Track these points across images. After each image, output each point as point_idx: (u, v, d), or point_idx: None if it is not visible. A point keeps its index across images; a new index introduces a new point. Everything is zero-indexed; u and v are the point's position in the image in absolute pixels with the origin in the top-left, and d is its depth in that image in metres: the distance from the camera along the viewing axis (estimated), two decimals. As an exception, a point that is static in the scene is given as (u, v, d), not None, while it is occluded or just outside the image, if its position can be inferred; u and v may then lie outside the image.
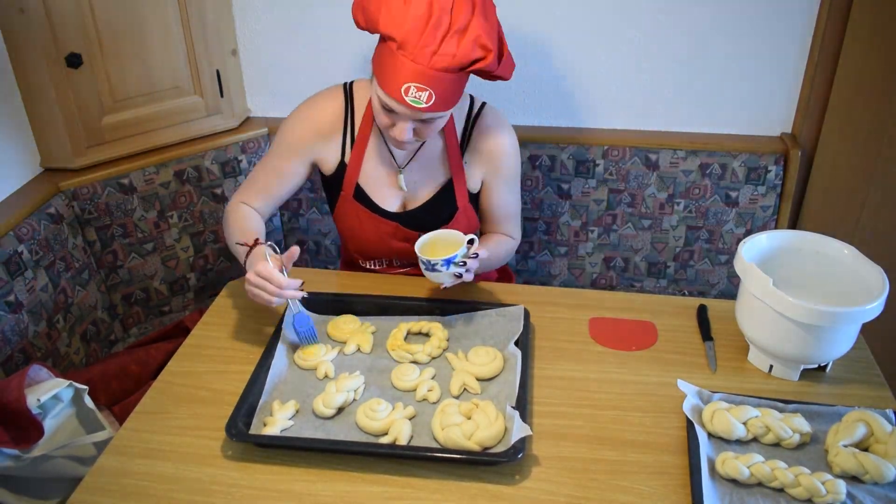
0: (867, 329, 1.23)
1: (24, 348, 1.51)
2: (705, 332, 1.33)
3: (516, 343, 1.24)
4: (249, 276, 1.20)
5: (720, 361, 1.27)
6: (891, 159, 1.79)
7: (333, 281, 1.51)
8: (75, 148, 1.71)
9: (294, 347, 1.27)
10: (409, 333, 1.32)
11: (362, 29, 1.29)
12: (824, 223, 1.89)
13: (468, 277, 1.29)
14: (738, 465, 1.01)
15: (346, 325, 1.32)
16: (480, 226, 1.57)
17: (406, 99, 1.20)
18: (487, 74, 1.26)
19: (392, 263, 1.57)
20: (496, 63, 1.23)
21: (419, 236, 1.36)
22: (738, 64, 1.81)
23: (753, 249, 1.26)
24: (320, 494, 1.02)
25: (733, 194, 1.86)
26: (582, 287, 1.91)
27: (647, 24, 1.79)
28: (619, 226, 1.95)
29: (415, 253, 1.30)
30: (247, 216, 1.42)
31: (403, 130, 1.27)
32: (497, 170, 1.47)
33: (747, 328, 1.25)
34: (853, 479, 1.03)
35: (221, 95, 1.90)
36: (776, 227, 1.90)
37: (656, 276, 2.00)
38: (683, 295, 1.99)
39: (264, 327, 1.34)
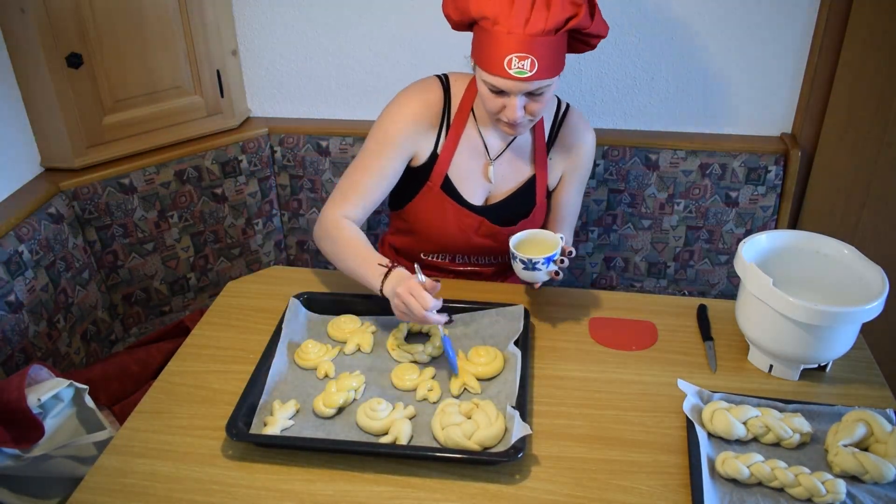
0: (867, 329, 1.23)
1: (25, 348, 1.51)
2: (705, 332, 1.33)
3: (516, 343, 1.24)
4: (399, 290, 1.19)
5: (720, 361, 1.27)
6: (891, 159, 1.79)
7: (334, 281, 1.51)
8: (76, 148, 1.71)
9: (294, 347, 1.28)
10: (409, 333, 1.32)
11: (457, 26, 1.32)
12: (824, 223, 1.89)
13: (562, 274, 1.30)
14: (738, 464, 1.01)
15: (347, 325, 1.32)
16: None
17: (510, 71, 1.22)
18: (584, 36, 1.29)
19: (455, 259, 1.56)
20: (589, 19, 1.26)
21: (500, 231, 1.43)
22: (738, 64, 1.81)
23: (753, 249, 1.26)
24: (320, 494, 1.02)
25: (733, 194, 1.86)
26: (582, 287, 1.91)
27: (648, 24, 1.79)
28: (619, 226, 1.95)
29: (485, 252, 1.35)
30: (358, 237, 1.36)
31: (514, 108, 1.28)
32: (576, 165, 1.51)
33: (747, 328, 1.25)
34: (853, 478, 1.03)
35: (222, 95, 1.90)
36: (776, 227, 1.90)
37: (656, 276, 2.00)
38: (683, 295, 1.99)
39: (264, 327, 1.34)
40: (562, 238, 1.32)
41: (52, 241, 1.61)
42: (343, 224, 1.37)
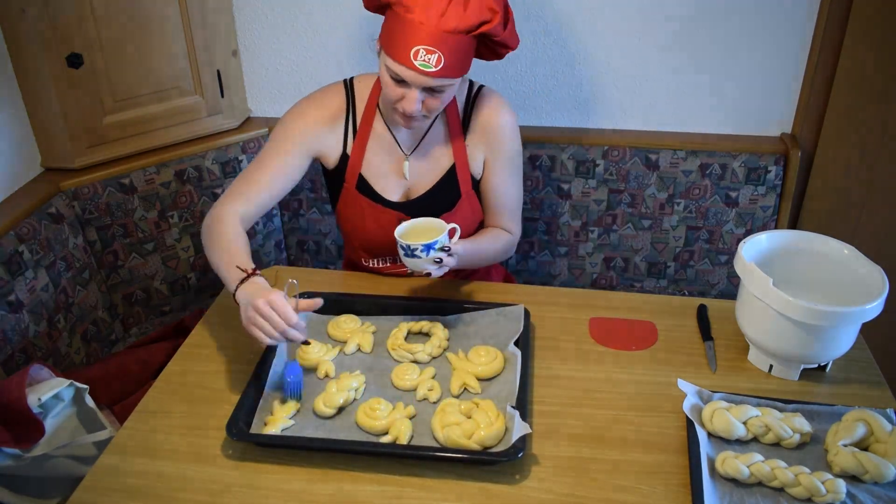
0: (867, 329, 1.23)
1: (25, 348, 1.51)
2: (705, 332, 1.33)
3: (516, 343, 1.24)
4: (258, 303, 1.09)
5: (720, 361, 1.27)
6: (891, 159, 1.79)
7: (334, 281, 1.51)
8: (76, 148, 1.71)
9: (294, 346, 1.27)
10: (409, 333, 1.32)
11: (369, 4, 1.31)
12: (824, 223, 1.89)
13: (451, 262, 1.28)
14: (738, 464, 1.01)
15: (347, 325, 1.32)
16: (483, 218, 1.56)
17: (415, 63, 1.21)
18: (494, 43, 1.28)
19: (396, 261, 1.55)
20: (501, 27, 1.25)
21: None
22: (738, 64, 1.81)
23: (753, 249, 1.26)
24: (320, 494, 1.02)
25: (733, 194, 1.86)
26: (582, 287, 1.91)
27: (647, 25, 1.79)
28: (619, 226, 1.95)
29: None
30: (236, 236, 1.29)
31: (413, 101, 1.27)
32: (496, 148, 1.46)
33: (747, 328, 1.25)
34: (853, 478, 1.03)
35: (222, 95, 1.90)
36: (776, 227, 1.90)
37: (656, 276, 2.00)
38: (683, 295, 1.99)
39: (265, 327, 1.34)
40: (457, 228, 1.29)
41: (53, 241, 1.61)
42: (229, 220, 1.31)
